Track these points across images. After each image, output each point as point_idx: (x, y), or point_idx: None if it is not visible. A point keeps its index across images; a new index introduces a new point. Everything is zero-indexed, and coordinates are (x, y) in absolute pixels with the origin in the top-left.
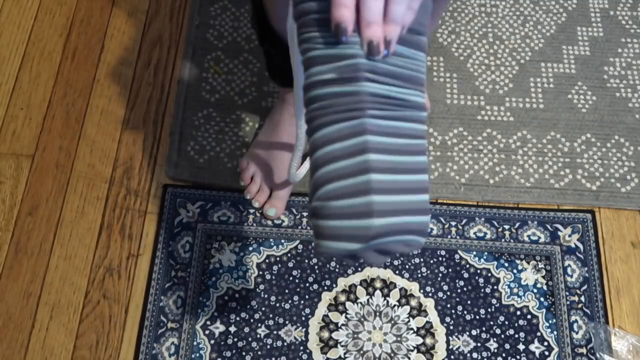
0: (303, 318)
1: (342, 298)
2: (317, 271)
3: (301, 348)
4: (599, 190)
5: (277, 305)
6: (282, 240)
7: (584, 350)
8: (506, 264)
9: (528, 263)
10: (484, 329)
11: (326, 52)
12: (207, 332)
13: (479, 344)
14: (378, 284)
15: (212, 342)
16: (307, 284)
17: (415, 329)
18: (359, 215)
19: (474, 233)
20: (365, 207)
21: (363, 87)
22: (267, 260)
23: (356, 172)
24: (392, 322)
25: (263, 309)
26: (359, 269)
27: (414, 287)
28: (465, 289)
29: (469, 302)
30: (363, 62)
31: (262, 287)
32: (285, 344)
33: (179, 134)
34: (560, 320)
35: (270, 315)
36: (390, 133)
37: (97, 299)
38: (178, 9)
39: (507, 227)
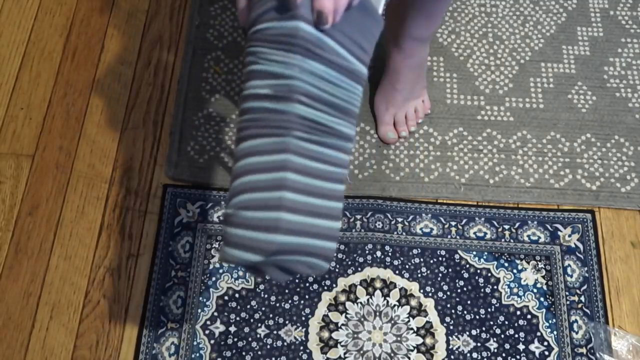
0: (303, 318)
1: (342, 298)
2: None
3: (301, 348)
4: (599, 190)
5: (277, 305)
6: None
7: (584, 350)
8: (506, 264)
9: (528, 263)
10: (484, 328)
11: (266, 68)
12: (207, 332)
13: (479, 344)
14: (378, 284)
15: (212, 342)
16: (307, 284)
17: (415, 329)
18: (264, 228)
19: (474, 233)
20: (273, 222)
21: (294, 109)
22: None
23: (271, 187)
24: (392, 322)
25: (263, 309)
26: (359, 269)
27: (414, 287)
28: (465, 289)
29: (469, 302)
30: (298, 85)
31: (262, 287)
32: (285, 344)
33: (179, 134)
34: (560, 320)
35: (270, 315)
36: (312, 157)
37: (97, 299)
38: (178, 9)
39: (507, 227)
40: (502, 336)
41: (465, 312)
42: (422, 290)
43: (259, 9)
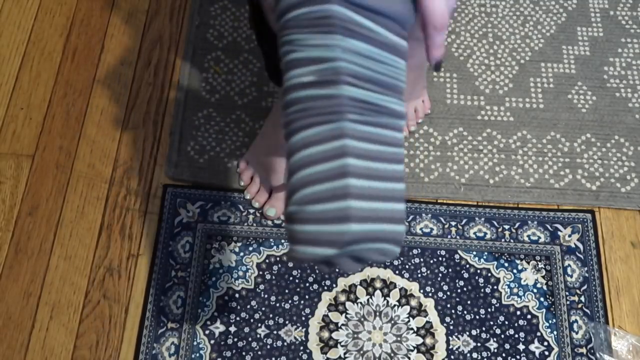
0: (303, 318)
1: (342, 298)
2: (317, 271)
3: (301, 348)
4: (599, 190)
5: (277, 305)
6: (282, 240)
7: (584, 350)
8: (506, 264)
9: (528, 263)
10: (484, 329)
11: (307, 54)
12: (207, 332)
13: (479, 344)
14: (378, 284)
15: (212, 342)
16: (307, 284)
17: (415, 329)
18: (335, 220)
19: (474, 233)
20: (342, 212)
21: (343, 91)
22: (267, 260)
23: (334, 176)
24: (392, 322)
25: (263, 309)
26: (359, 269)
27: (414, 287)
28: (465, 289)
29: (469, 302)
30: (344, 66)
31: (262, 287)
32: (285, 344)
33: (179, 134)
34: (560, 320)
35: (270, 315)
36: (368, 139)
37: (97, 299)
38: (178, 9)
39: (507, 227)
40: (502, 336)
41: (465, 312)
42: (422, 290)
43: None
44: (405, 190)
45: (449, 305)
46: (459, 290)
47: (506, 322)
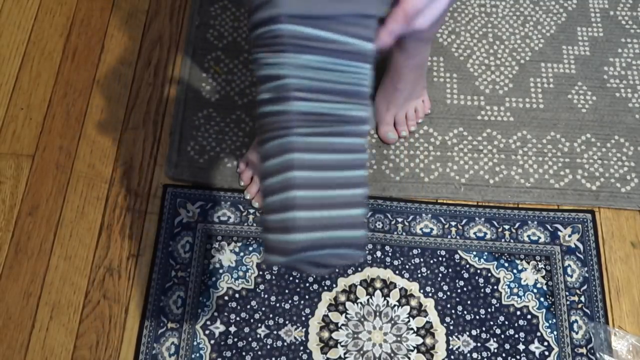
0: (303, 318)
1: (342, 298)
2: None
3: (301, 348)
4: (599, 190)
5: (277, 305)
6: None
7: (584, 350)
8: (506, 264)
9: (528, 263)
10: (484, 329)
11: (264, 72)
12: (207, 332)
13: (479, 344)
14: (378, 284)
15: (212, 342)
16: (307, 284)
17: (415, 329)
18: (282, 229)
19: (474, 233)
20: (288, 223)
21: (292, 107)
22: None
23: (282, 188)
24: (392, 322)
25: (263, 309)
26: (359, 269)
27: (414, 287)
28: (465, 289)
29: (469, 302)
30: (293, 82)
31: (262, 287)
32: (285, 344)
33: (179, 134)
34: (560, 320)
35: (270, 315)
36: (320, 149)
37: (97, 299)
38: (178, 9)
39: (507, 227)
40: (502, 336)
41: (465, 312)
42: (422, 291)
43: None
44: (366, 195)
45: (449, 306)
46: (459, 290)
47: (506, 322)
